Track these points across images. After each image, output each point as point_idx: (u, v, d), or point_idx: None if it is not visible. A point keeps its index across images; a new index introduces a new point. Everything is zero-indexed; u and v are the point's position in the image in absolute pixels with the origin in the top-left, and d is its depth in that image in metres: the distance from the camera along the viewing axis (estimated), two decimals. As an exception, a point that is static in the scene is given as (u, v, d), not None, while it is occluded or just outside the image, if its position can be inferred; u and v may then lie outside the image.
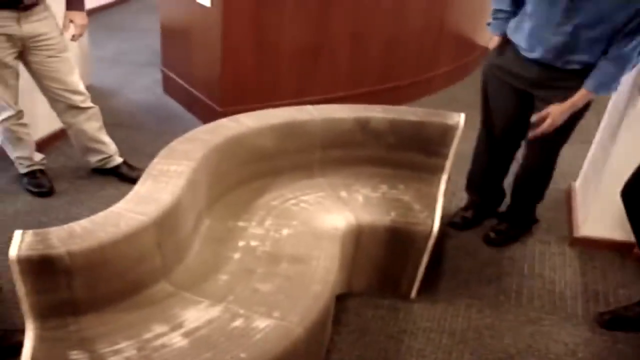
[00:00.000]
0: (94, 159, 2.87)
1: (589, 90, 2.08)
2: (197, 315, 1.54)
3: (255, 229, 1.94)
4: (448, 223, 2.69)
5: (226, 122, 2.10)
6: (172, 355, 1.41)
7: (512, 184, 2.57)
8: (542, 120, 2.16)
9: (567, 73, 2.11)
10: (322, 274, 1.74)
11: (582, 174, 2.92)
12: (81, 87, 2.62)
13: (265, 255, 1.83)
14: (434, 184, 2.30)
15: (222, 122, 2.10)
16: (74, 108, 2.63)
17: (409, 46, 3.96)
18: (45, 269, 1.38)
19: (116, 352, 1.41)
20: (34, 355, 1.37)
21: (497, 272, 2.44)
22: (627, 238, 2.43)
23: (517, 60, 2.23)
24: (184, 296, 1.61)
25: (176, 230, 1.68)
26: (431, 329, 2.11)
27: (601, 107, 2.70)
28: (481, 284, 2.37)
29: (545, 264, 2.51)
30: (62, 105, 2.62)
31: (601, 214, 2.55)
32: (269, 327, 1.52)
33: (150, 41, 4.93)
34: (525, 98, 2.28)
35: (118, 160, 2.90)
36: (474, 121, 2.55)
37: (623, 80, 2.09)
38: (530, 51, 2.17)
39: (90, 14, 2.70)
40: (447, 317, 2.18)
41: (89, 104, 2.68)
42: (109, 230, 1.47)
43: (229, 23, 3.14)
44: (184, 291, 1.63)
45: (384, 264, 2.17)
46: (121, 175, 2.89)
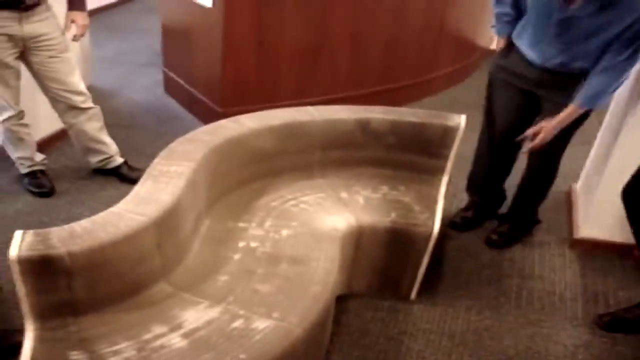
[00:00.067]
0: (95, 160, 2.87)
1: (579, 104, 2.10)
2: (196, 316, 1.55)
3: (255, 230, 1.95)
4: (448, 224, 2.69)
5: (226, 123, 2.10)
6: (172, 356, 1.41)
7: (517, 186, 2.57)
8: (534, 135, 2.20)
9: (569, 75, 2.12)
10: (322, 275, 1.74)
11: (583, 175, 2.92)
12: (82, 87, 2.63)
13: (265, 256, 1.83)
14: (435, 185, 2.31)
15: (223, 123, 2.10)
16: (74, 108, 2.64)
17: (409, 47, 3.96)
18: (46, 269, 1.38)
19: (116, 353, 1.41)
20: (34, 356, 1.37)
21: (497, 274, 2.44)
22: (627, 240, 2.42)
23: (522, 62, 2.25)
24: (184, 297, 1.61)
25: (176, 231, 1.68)
26: (431, 331, 2.11)
27: (602, 109, 2.69)
28: (481, 285, 2.37)
29: (545, 266, 2.51)
30: (63, 105, 2.62)
31: (601, 215, 2.55)
32: (269, 328, 1.52)
33: (151, 41, 4.94)
34: (531, 99, 2.30)
35: (119, 160, 2.91)
36: (475, 122, 2.55)
37: (624, 82, 2.09)
38: (531, 58, 2.21)
39: (91, 14, 2.70)
40: (447, 319, 2.18)
41: (89, 104, 2.68)
42: (109, 230, 1.47)
43: (229, 24, 3.15)
44: (184, 292, 1.63)
45: (384, 265, 2.17)
46: (122, 175, 2.89)
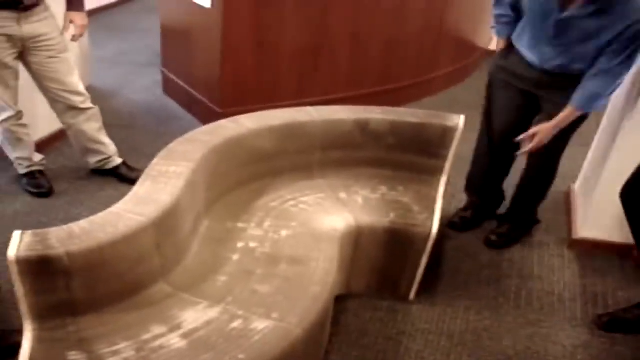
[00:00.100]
0: (94, 160, 2.87)
1: (575, 107, 2.11)
2: (195, 316, 1.54)
3: (254, 230, 1.94)
4: (447, 224, 2.69)
5: (226, 123, 2.10)
6: (171, 357, 1.41)
7: (515, 186, 2.57)
8: (529, 138, 2.20)
9: (569, 77, 2.12)
10: (321, 276, 1.74)
11: (582, 176, 2.92)
12: (81, 87, 2.62)
13: (264, 256, 1.83)
14: (434, 185, 2.30)
15: (222, 123, 2.10)
16: (73, 109, 2.63)
17: (409, 47, 3.96)
18: (44, 270, 1.38)
19: (115, 353, 1.41)
20: (33, 356, 1.37)
21: (496, 274, 2.44)
22: (626, 240, 2.43)
23: (522, 63, 2.26)
24: (183, 297, 1.61)
25: (175, 231, 1.68)
26: (430, 331, 2.11)
27: (600, 109, 2.69)
28: (480, 285, 2.37)
29: (544, 266, 2.51)
30: (61, 106, 2.62)
31: (600, 216, 2.55)
32: (268, 329, 1.52)
33: (150, 42, 4.93)
34: (530, 99, 2.30)
35: (117, 161, 2.90)
36: (474, 123, 2.55)
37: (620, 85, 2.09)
38: (531, 60, 2.21)
39: (91, 14, 2.71)
40: (446, 319, 2.18)
41: (88, 104, 2.68)
42: (108, 231, 1.47)
43: (229, 24, 3.15)
44: (183, 292, 1.63)
45: (383, 266, 2.17)
46: (120, 176, 2.89)
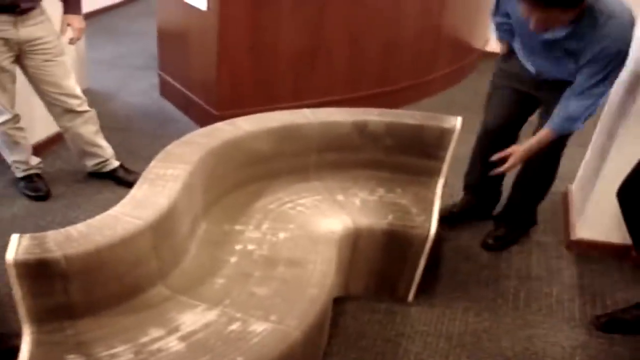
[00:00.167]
0: (91, 163, 2.86)
1: (552, 129, 2.12)
2: (193, 319, 1.54)
3: (252, 233, 1.94)
4: (439, 219, 2.68)
5: (223, 126, 2.10)
6: (169, 360, 1.41)
7: (511, 186, 2.57)
8: (503, 158, 2.20)
9: (567, 81, 2.13)
10: (319, 278, 1.74)
11: (579, 176, 2.92)
12: (77, 91, 2.62)
13: (262, 258, 1.82)
14: (431, 187, 2.31)
15: (219, 126, 2.10)
16: (70, 112, 2.63)
17: (406, 49, 3.97)
18: (42, 273, 1.38)
19: (113, 356, 1.40)
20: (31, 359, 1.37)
21: (494, 275, 2.44)
22: (624, 240, 2.43)
23: (521, 66, 2.31)
24: (181, 300, 1.61)
25: (172, 234, 1.68)
26: (428, 333, 2.11)
27: (598, 110, 2.70)
28: (478, 287, 2.37)
29: (543, 267, 2.52)
30: (58, 109, 2.62)
31: (598, 216, 2.55)
32: (266, 331, 1.51)
33: (147, 45, 4.93)
34: (529, 99, 2.34)
35: (115, 164, 2.90)
36: (471, 124, 2.55)
37: (618, 84, 2.10)
38: (529, 68, 2.26)
39: (88, 17, 2.71)
40: (445, 321, 2.18)
41: (85, 107, 2.68)
42: (105, 234, 1.47)
43: (225, 26, 3.15)
44: (181, 295, 1.63)
45: (381, 268, 2.17)
46: (118, 178, 2.88)
